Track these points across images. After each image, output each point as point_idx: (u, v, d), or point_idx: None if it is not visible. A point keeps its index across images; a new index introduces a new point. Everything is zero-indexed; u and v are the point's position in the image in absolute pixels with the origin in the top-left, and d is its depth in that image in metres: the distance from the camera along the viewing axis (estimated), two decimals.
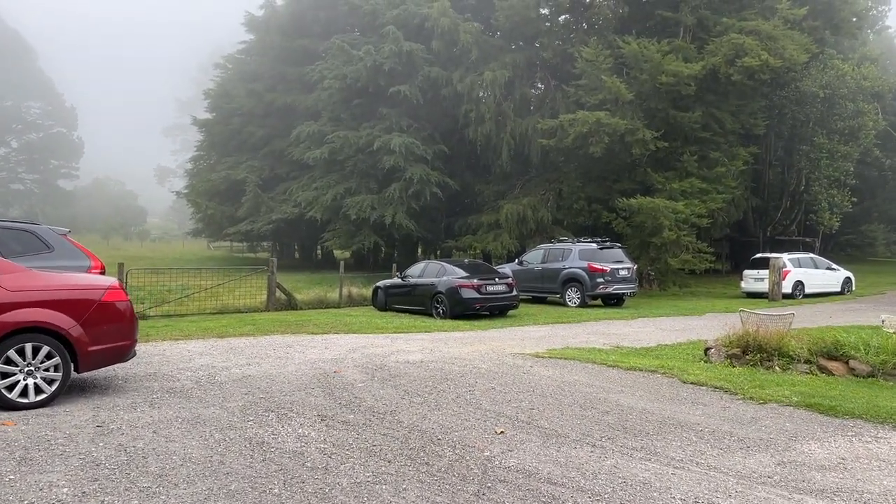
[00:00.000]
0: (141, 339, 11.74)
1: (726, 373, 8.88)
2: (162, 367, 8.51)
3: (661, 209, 24.05)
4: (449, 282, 16.89)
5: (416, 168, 28.43)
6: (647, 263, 25.98)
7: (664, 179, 26.15)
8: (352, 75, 29.48)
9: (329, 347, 10.73)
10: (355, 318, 16.11)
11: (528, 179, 30.42)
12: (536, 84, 31.23)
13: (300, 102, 36.93)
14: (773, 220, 38.23)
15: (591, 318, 17.28)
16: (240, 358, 9.43)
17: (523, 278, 20.99)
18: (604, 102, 25.79)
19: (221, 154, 47.28)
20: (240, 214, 39.68)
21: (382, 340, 11.89)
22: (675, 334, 14.48)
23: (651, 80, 25.50)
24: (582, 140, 25.46)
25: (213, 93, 48.48)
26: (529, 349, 11.12)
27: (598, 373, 8.82)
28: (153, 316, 16.96)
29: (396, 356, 9.81)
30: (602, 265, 20.23)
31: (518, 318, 16.89)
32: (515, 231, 27.97)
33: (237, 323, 14.78)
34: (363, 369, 8.59)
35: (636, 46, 25.14)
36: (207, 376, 7.93)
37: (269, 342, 11.36)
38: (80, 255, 8.76)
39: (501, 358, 9.82)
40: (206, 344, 11.03)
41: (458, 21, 28.64)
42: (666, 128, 26.31)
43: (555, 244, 22.29)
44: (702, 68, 24.91)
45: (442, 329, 14.38)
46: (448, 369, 8.70)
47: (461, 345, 11.51)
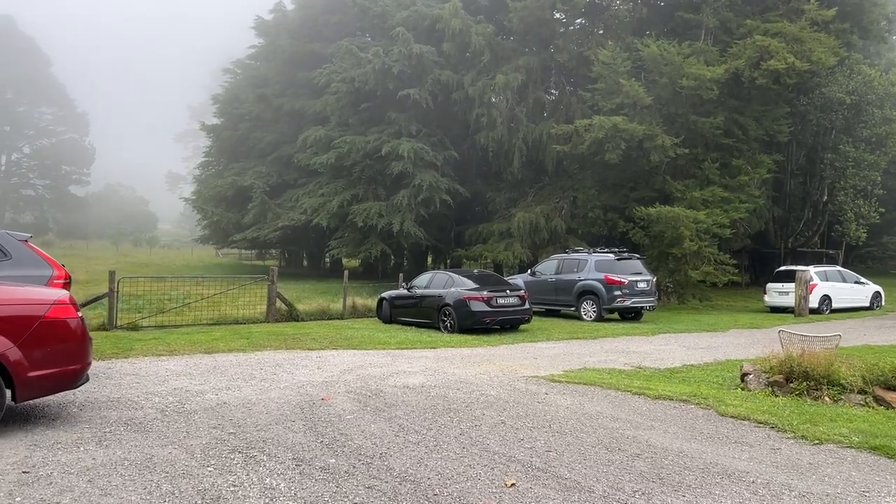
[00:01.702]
0: (121, 355, 10.83)
1: (769, 404, 7.79)
2: (129, 391, 7.54)
3: (681, 218, 22.93)
4: (457, 294, 15.87)
5: (425, 174, 27.44)
6: (666, 275, 24.82)
7: (684, 187, 25.04)
8: (360, 78, 28.59)
9: (322, 367, 9.73)
10: (357, 332, 15.12)
11: (541, 187, 29.35)
12: (550, 88, 30.20)
13: (309, 107, 36.12)
14: (795, 232, 36.94)
15: (609, 334, 16.20)
16: (220, 379, 8.44)
17: (536, 290, 19.94)
18: (621, 107, 24.74)
19: (230, 160, 46.61)
20: (246, 221, 38.88)
21: (382, 359, 10.88)
22: (701, 353, 13.42)
23: (671, 84, 24.46)
24: (598, 146, 24.41)
25: (221, 98, 47.90)
26: (544, 370, 10.08)
27: (622, 402, 7.75)
28: (146, 327, 16.09)
29: (395, 379, 8.79)
30: (620, 277, 19.14)
31: (530, 333, 15.84)
32: (528, 240, 26.90)
33: (231, 336, 13.85)
34: (356, 396, 7.57)
35: (656, 49, 24.10)
36: (176, 404, 6.95)
37: (259, 360, 10.38)
38: (41, 264, 7.83)
39: (513, 382, 8.78)
40: (188, 362, 10.06)
41: (470, 23, 27.70)
42: (686, 134, 25.24)
43: (570, 254, 21.22)
44: (724, 71, 23.82)
45: (449, 345, 13.36)
46: (452, 397, 7.67)
47: (468, 364, 10.48)
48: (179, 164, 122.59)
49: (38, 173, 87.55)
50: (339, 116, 31.62)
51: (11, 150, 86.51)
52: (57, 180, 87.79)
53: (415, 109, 28.75)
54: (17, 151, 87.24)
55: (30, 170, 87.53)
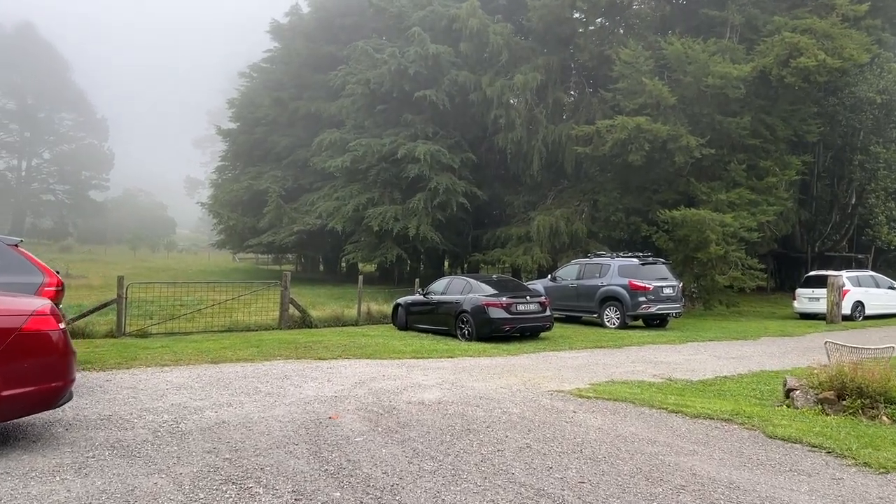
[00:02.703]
0: (124, 365, 10.31)
1: (821, 424, 7.06)
2: (123, 408, 6.98)
3: (707, 221, 22.10)
4: (475, 300, 15.21)
5: (441, 177, 26.82)
6: (691, 281, 23.99)
7: (710, 190, 24.22)
8: (375, 80, 28.07)
9: (332, 379, 9.13)
10: (371, 340, 14.53)
11: (560, 190, 28.62)
12: (570, 88, 29.48)
13: (324, 110, 35.77)
14: (822, 235, 35.87)
15: (634, 342, 15.47)
16: (222, 394, 7.87)
17: (556, 296, 19.26)
18: (644, 107, 23.99)
19: (246, 164, 46.45)
20: (262, 226, 38.61)
21: (396, 370, 10.26)
22: (733, 363, 12.68)
23: (696, 83, 23.67)
24: (620, 147, 23.67)
25: (237, 102, 47.76)
26: (569, 383, 9.42)
27: (658, 422, 7.07)
28: (155, 334, 15.64)
29: (410, 394, 8.16)
30: (644, 282, 18.39)
31: (552, 342, 15.15)
32: (547, 244, 26.18)
33: (241, 344, 13.33)
34: (366, 414, 6.96)
35: (680, 46, 23.33)
36: (171, 423, 6.37)
37: (266, 371, 9.81)
38: (31, 270, 7.32)
39: (537, 398, 8.12)
40: (192, 373, 9.51)
41: (487, 22, 27.07)
42: (711, 134, 24.42)
43: (592, 259, 20.49)
44: (752, 69, 23.00)
45: (467, 354, 12.72)
46: (471, 415, 7.03)
47: (488, 376, 9.84)
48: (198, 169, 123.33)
49: (58, 179, 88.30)
50: (354, 119, 31.16)
51: (32, 156, 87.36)
52: (76, 186, 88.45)
53: (431, 111, 28.18)
54: (38, 157, 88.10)
55: (50, 175, 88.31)
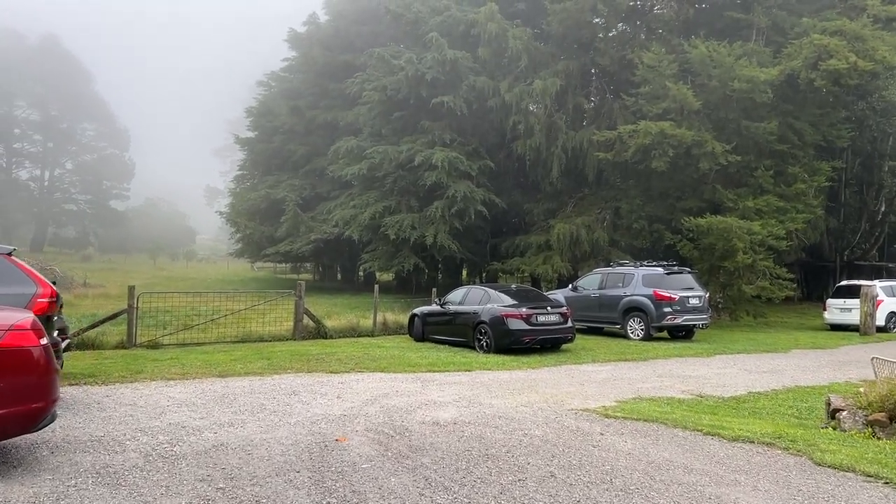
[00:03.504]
0: (128, 379, 9.90)
1: (874, 450, 6.44)
2: (117, 427, 6.54)
3: (734, 229, 21.37)
4: (493, 310, 14.69)
5: (459, 185, 26.32)
6: (717, 290, 23.24)
7: (736, 197, 23.49)
8: (392, 86, 27.68)
9: (343, 395, 8.64)
10: (386, 351, 14.06)
11: (581, 197, 27.99)
12: (591, 94, 28.88)
13: (342, 118, 35.52)
14: (851, 244, 34.91)
15: (660, 355, 14.84)
16: (225, 412, 7.41)
17: (578, 306, 18.67)
18: (667, 112, 23.36)
19: (264, 173, 46.40)
20: (279, 234, 38.37)
21: (411, 385, 9.76)
22: (766, 378, 12.04)
23: (721, 87, 23.00)
24: (643, 153, 23.03)
25: (255, 111, 47.76)
26: (594, 401, 8.86)
27: (693, 446, 6.48)
28: (167, 345, 15.32)
29: (424, 412, 7.65)
30: (670, 292, 17.74)
31: (574, 354, 14.57)
32: (568, 253, 25.55)
33: (252, 356, 12.92)
34: (376, 435, 6.45)
35: (704, 50, 22.70)
36: (166, 445, 5.91)
37: (274, 386, 9.35)
38: (22, 280, 6.92)
39: (560, 418, 7.56)
40: (198, 388, 9.08)
41: (506, 27, 26.58)
42: (737, 140, 23.71)
43: (614, 268, 19.86)
44: (779, 73, 22.29)
45: (485, 367, 12.19)
46: (490, 438, 6.49)
47: (507, 392, 9.30)
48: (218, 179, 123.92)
49: (80, 188, 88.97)
50: (371, 126, 30.82)
51: (54, 166, 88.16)
52: (98, 195, 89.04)
53: (449, 118, 27.74)
54: (60, 167, 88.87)
55: (72, 185, 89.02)
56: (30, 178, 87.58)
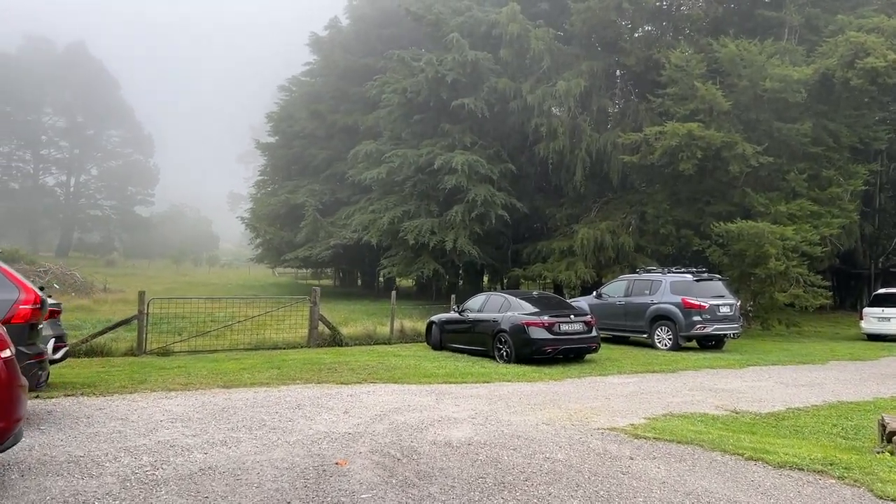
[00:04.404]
0: (128, 389, 9.38)
1: None
2: (101, 446, 6.01)
3: (765, 235, 20.51)
4: (514, 318, 14.04)
5: (480, 188, 25.71)
6: (748, 298, 22.35)
7: (767, 201, 22.60)
8: (412, 88, 27.19)
9: (350, 410, 8.06)
10: (401, 361, 13.48)
11: (606, 201, 27.22)
12: (616, 95, 28.13)
13: (362, 123, 35.19)
14: (887, 250, 33.65)
15: (690, 366, 14.08)
16: (221, 428, 6.86)
17: (602, 314, 17.93)
18: (695, 113, 22.59)
19: (284, 178, 46.27)
20: (299, 240, 38.10)
21: (425, 398, 9.15)
22: (805, 392, 11.25)
23: (752, 87, 22.21)
24: (670, 156, 22.27)
25: (275, 116, 47.65)
26: (621, 417, 8.19)
27: (735, 473, 5.79)
28: (178, 352, 14.90)
29: (436, 430, 7.03)
30: (699, 300, 16.94)
31: (599, 365, 13.87)
32: (592, 259, 24.80)
33: (262, 364, 12.44)
34: (381, 458, 5.85)
35: (734, 48, 21.91)
36: (148, 467, 5.36)
37: (279, 399, 8.80)
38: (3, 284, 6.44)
39: (585, 438, 6.90)
40: (198, 400, 8.56)
41: (528, 27, 25.97)
42: (769, 142, 22.85)
43: (641, 275, 19.08)
44: (813, 72, 21.45)
45: (504, 378, 11.55)
46: (507, 462, 5.86)
47: (528, 408, 8.65)
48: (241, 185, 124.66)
49: (106, 194, 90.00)
50: (391, 130, 30.38)
51: (80, 172, 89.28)
52: (123, 201, 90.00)
53: (469, 120, 27.17)
54: (86, 173, 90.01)
55: (97, 191, 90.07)
56: (56, 184, 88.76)
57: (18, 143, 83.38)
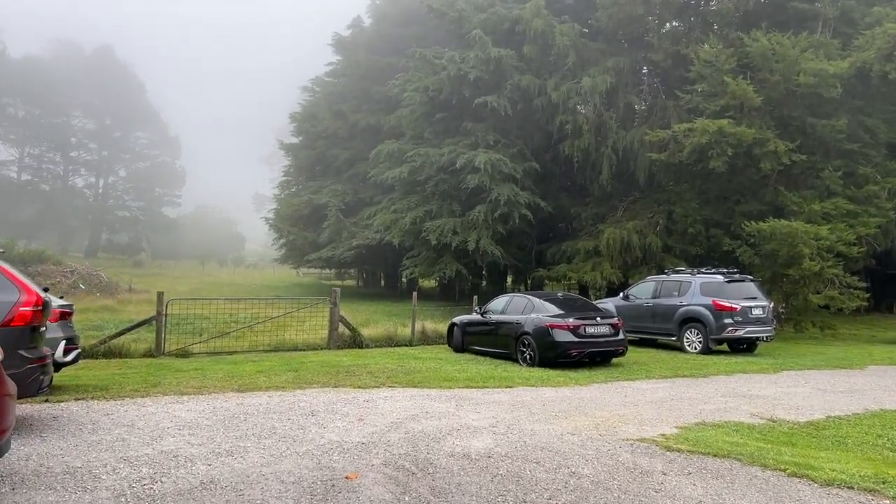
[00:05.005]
0: (140, 392, 9.12)
1: None
2: (101, 455, 5.73)
3: (799, 234, 19.81)
4: (538, 320, 13.62)
5: (503, 188, 25.26)
6: (781, 300, 21.63)
7: (801, 199, 21.88)
8: (434, 87, 26.83)
9: (366, 417, 7.71)
10: (422, 364, 13.13)
11: (632, 200, 26.60)
12: (643, 92, 27.48)
13: (385, 122, 34.95)
14: None
15: (721, 371, 13.53)
16: (228, 437, 6.55)
17: (629, 316, 17.44)
18: (725, 110, 21.93)
19: (307, 178, 46.27)
20: (321, 240, 37.99)
21: (444, 404, 8.78)
22: (844, 399, 10.68)
23: (784, 83, 21.50)
24: (699, 153, 21.66)
25: (298, 116, 47.64)
26: (651, 426, 7.74)
27: (779, 493, 5.32)
28: (196, 354, 14.72)
29: (454, 440, 6.65)
30: (731, 302, 16.36)
31: (626, 369, 13.39)
32: (618, 260, 24.22)
33: (279, 367, 12.17)
34: (395, 472, 5.48)
35: (766, 42, 21.22)
36: (147, 480, 5.05)
37: (293, 404, 8.49)
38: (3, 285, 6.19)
39: (614, 450, 6.47)
40: (209, 405, 8.27)
41: (553, 23, 25.47)
42: (802, 138, 22.12)
43: (669, 275, 18.52)
44: (849, 66, 20.70)
45: (527, 383, 11.14)
46: (529, 477, 5.45)
47: (552, 416, 8.23)
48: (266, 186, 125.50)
49: (133, 195, 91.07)
50: (413, 129, 30.06)
51: (109, 174, 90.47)
52: (150, 202, 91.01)
53: (492, 118, 26.74)
54: (114, 174, 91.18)
55: (125, 192, 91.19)
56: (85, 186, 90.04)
57: (48, 145, 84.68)
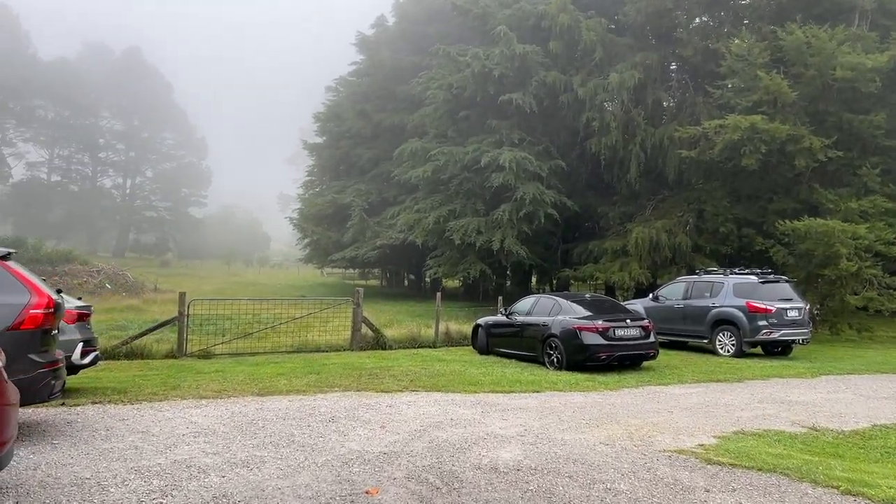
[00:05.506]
0: (158, 396, 8.89)
1: None
2: (112, 465, 5.49)
3: (836, 233, 19.15)
4: (565, 322, 13.21)
5: (528, 186, 24.83)
6: (816, 301, 20.96)
7: (837, 197, 21.16)
8: (458, 84, 26.49)
9: (388, 424, 7.41)
10: (446, 366, 12.81)
11: (661, 199, 26.01)
12: (672, 87, 26.86)
13: (408, 121, 34.71)
14: None
15: (757, 375, 13.03)
16: (245, 445, 6.29)
17: (659, 317, 16.91)
18: (758, 105, 21.29)
19: (331, 178, 46.25)
20: (345, 240, 37.88)
21: (469, 410, 8.45)
22: (889, 406, 10.21)
23: (820, 77, 20.82)
24: (731, 150, 21.06)
25: (322, 116, 47.61)
26: (687, 436, 7.34)
27: None
28: (219, 355, 14.57)
29: (481, 450, 6.32)
30: (765, 304, 15.80)
31: (657, 373, 12.94)
32: (647, 259, 23.66)
33: (301, 369, 11.93)
34: (418, 486, 5.16)
35: (801, 35, 20.56)
36: (156, 494, 4.79)
37: (313, 409, 8.22)
38: (15, 288, 5.98)
39: (651, 462, 6.09)
40: (227, 410, 8.04)
41: (579, 18, 24.99)
42: (838, 134, 21.41)
43: (701, 276, 17.98)
44: (889, 59, 19.98)
45: (555, 387, 10.77)
46: (562, 494, 5.09)
47: (583, 423, 7.86)
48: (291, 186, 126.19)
49: (160, 196, 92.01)
50: (436, 128, 29.75)
51: (136, 174, 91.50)
52: (177, 202, 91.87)
53: (517, 116, 26.32)
54: (141, 175, 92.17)
55: (152, 192, 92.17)
56: (113, 186, 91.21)
57: (77, 146, 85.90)
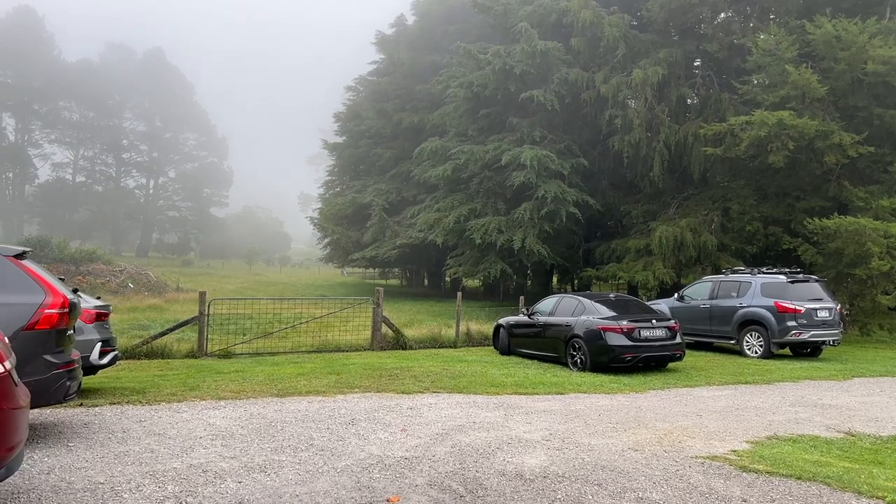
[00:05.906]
0: (177, 397, 8.77)
1: None
2: (127, 469, 5.36)
3: (867, 232, 18.65)
4: (589, 323, 12.94)
5: (549, 185, 24.53)
6: (846, 301, 20.45)
7: (867, 195, 20.64)
8: (479, 82, 26.25)
9: (409, 427, 7.22)
10: (467, 367, 12.61)
11: (685, 197, 25.56)
12: (696, 84, 26.40)
13: (428, 121, 34.57)
14: None
15: (786, 377, 12.68)
16: (264, 448, 6.14)
17: (685, 318, 16.57)
18: (786, 101, 20.80)
19: (351, 178, 46.29)
20: (365, 239, 37.84)
21: (492, 413, 8.24)
22: None
23: (850, 71, 20.31)
24: (758, 147, 20.62)
25: (342, 115, 47.68)
26: (719, 441, 7.08)
27: None
28: (239, 354, 14.53)
29: (505, 456, 6.11)
30: (794, 304, 15.39)
31: (684, 375, 12.63)
32: (671, 259, 23.25)
33: (322, 369, 11.81)
34: (441, 493, 4.96)
35: (831, 28, 20.05)
36: (171, 500, 4.63)
37: (333, 411, 8.06)
38: (30, 287, 5.88)
39: (683, 469, 5.84)
40: (246, 411, 7.91)
41: (602, 14, 24.64)
42: (869, 130, 20.86)
43: (728, 275, 17.59)
44: None
45: (579, 389, 10.52)
46: (591, 503, 4.87)
47: (610, 427, 7.62)
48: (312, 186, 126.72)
49: (183, 196, 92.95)
50: (456, 126, 29.55)
51: (159, 175, 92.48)
52: (199, 202, 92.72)
53: (539, 113, 26.02)
54: (164, 175, 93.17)
55: (174, 192, 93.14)
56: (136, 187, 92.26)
57: (101, 147, 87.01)
